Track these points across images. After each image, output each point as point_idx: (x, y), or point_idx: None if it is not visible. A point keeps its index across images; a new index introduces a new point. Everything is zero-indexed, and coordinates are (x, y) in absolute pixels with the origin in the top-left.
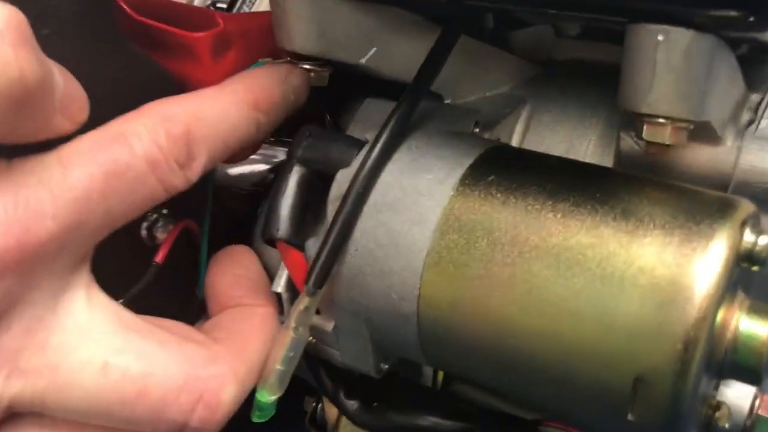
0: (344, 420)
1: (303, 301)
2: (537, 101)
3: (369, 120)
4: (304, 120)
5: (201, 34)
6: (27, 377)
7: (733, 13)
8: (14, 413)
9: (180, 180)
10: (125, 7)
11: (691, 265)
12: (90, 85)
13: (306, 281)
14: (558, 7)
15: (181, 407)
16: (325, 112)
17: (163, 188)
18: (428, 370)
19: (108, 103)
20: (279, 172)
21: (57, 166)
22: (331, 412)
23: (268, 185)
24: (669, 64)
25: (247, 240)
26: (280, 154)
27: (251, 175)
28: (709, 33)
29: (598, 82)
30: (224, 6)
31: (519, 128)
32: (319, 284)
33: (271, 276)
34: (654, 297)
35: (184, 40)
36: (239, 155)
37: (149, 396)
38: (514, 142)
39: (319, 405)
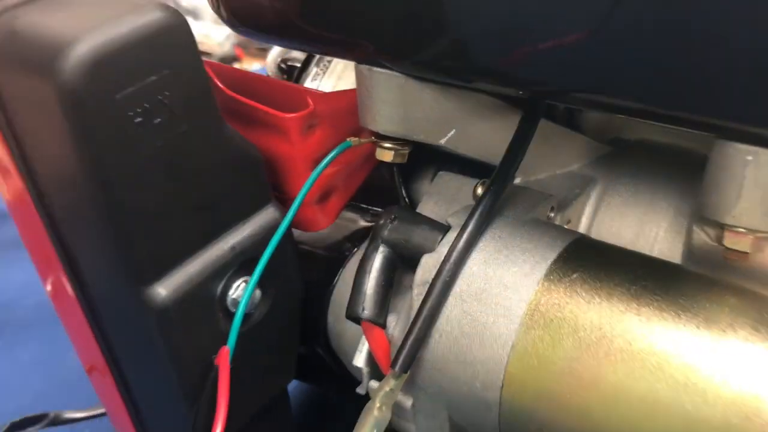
0: None
1: (388, 383)
2: (607, 182)
3: (441, 194)
4: (377, 188)
5: (292, 115)
6: None
7: None
8: None
9: None
10: (219, 84)
11: None
12: (188, 162)
13: (392, 365)
14: (650, 118)
15: None
16: (400, 184)
17: None
18: None
19: (201, 179)
20: (365, 251)
21: None
22: None
23: (345, 253)
24: (756, 181)
25: (322, 307)
26: (359, 223)
27: (330, 241)
28: None
29: (668, 165)
30: (297, 65)
31: (589, 210)
32: (405, 369)
33: (347, 349)
34: (737, 410)
35: (275, 119)
36: (319, 225)
37: None
38: (584, 224)
39: None
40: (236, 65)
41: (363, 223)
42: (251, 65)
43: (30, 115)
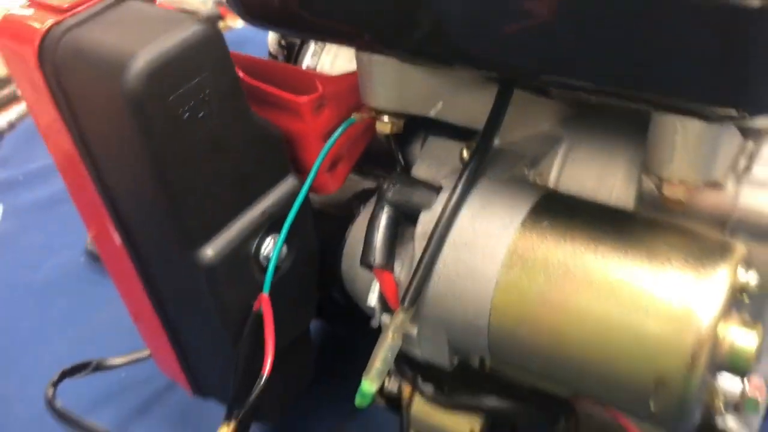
0: (416, 398)
1: (399, 316)
2: (572, 140)
3: (432, 157)
4: (376, 154)
5: (305, 98)
6: None
7: (734, 113)
8: None
9: None
10: (241, 73)
11: (700, 298)
12: (225, 145)
13: (401, 301)
14: (602, 95)
15: None
16: (397, 151)
17: None
18: (476, 359)
19: (236, 157)
20: (373, 210)
21: None
22: (405, 390)
23: (353, 211)
24: (685, 144)
25: (335, 257)
26: (362, 184)
27: (339, 201)
28: (715, 122)
29: (623, 125)
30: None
31: (557, 165)
32: (412, 304)
33: (360, 292)
34: (671, 322)
35: (290, 103)
36: (329, 188)
37: None
38: (553, 177)
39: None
40: (221, 24)
41: (366, 185)
42: (235, 23)
43: (95, 114)
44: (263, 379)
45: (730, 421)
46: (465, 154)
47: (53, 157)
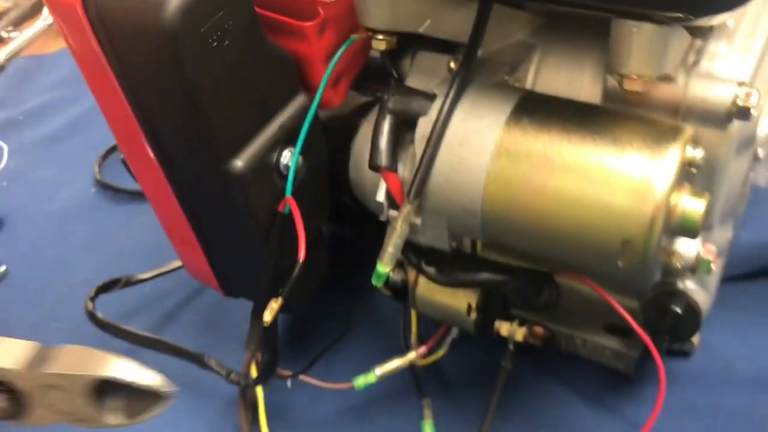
0: (420, 281)
1: (406, 208)
2: (544, 48)
3: (423, 70)
4: (375, 71)
5: (310, 23)
6: None
7: (679, 15)
8: None
9: None
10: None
11: (655, 173)
12: (246, 68)
13: (408, 194)
14: (569, 5)
15: None
16: (391, 66)
17: None
18: (467, 242)
19: (256, 78)
20: (376, 119)
21: None
22: (411, 276)
23: (355, 123)
24: (641, 44)
25: (343, 165)
26: (361, 99)
27: (341, 115)
28: (665, 25)
29: (587, 32)
30: None
31: (532, 70)
32: (417, 196)
33: (368, 192)
34: (633, 193)
35: (297, 28)
36: (333, 103)
37: None
38: (530, 81)
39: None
40: None
41: (365, 98)
42: None
43: (135, 48)
44: (299, 263)
45: (689, 282)
46: (452, 65)
47: (92, 89)
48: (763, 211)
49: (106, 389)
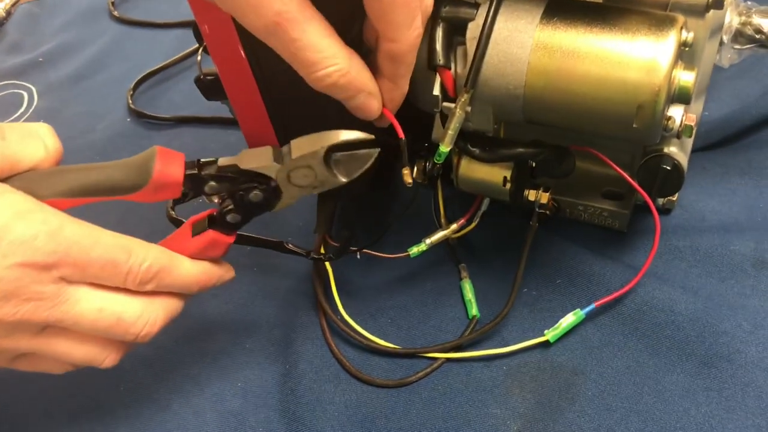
0: (462, 162)
1: (463, 96)
2: None
3: None
4: None
5: None
6: None
7: None
8: None
9: None
10: None
11: (660, 52)
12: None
13: (465, 84)
14: None
15: None
16: None
17: None
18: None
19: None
20: (431, 27)
21: None
22: (454, 159)
23: None
24: None
25: None
26: None
27: None
28: None
29: None
30: None
31: None
32: (473, 86)
33: (422, 91)
34: (644, 69)
35: None
36: None
37: None
38: None
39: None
40: None
41: None
42: None
43: None
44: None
45: (672, 148)
46: None
47: None
48: (721, 90)
49: (329, 158)
